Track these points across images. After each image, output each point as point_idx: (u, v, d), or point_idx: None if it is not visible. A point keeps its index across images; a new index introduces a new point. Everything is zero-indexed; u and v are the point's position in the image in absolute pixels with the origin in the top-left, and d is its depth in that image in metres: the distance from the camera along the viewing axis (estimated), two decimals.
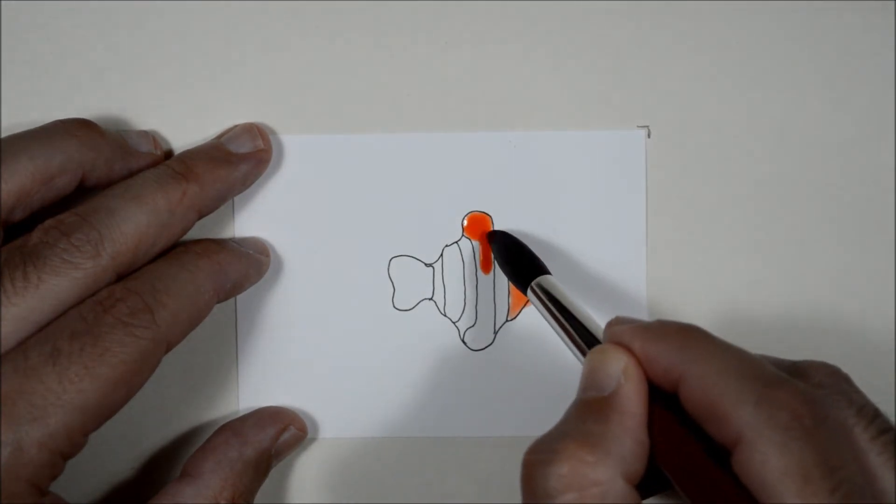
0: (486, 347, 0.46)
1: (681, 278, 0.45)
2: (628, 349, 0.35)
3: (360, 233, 0.45)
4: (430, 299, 0.46)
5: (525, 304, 0.45)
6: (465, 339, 0.46)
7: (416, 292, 0.46)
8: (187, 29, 0.44)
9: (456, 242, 0.45)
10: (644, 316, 0.45)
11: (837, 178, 0.45)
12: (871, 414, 0.33)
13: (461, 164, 0.45)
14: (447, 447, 0.46)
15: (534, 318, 0.45)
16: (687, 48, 0.45)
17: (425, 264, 0.46)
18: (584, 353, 0.37)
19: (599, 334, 0.37)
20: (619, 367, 0.34)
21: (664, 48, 0.45)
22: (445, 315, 0.46)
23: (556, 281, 0.41)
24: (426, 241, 0.45)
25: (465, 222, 0.45)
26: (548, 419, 0.43)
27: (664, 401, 0.34)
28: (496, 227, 0.45)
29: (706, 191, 0.45)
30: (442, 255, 0.45)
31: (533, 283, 0.41)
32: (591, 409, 0.34)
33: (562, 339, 0.39)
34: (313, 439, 0.46)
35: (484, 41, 0.45)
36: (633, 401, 0.33)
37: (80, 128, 0.41)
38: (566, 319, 0.39)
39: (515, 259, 0.43)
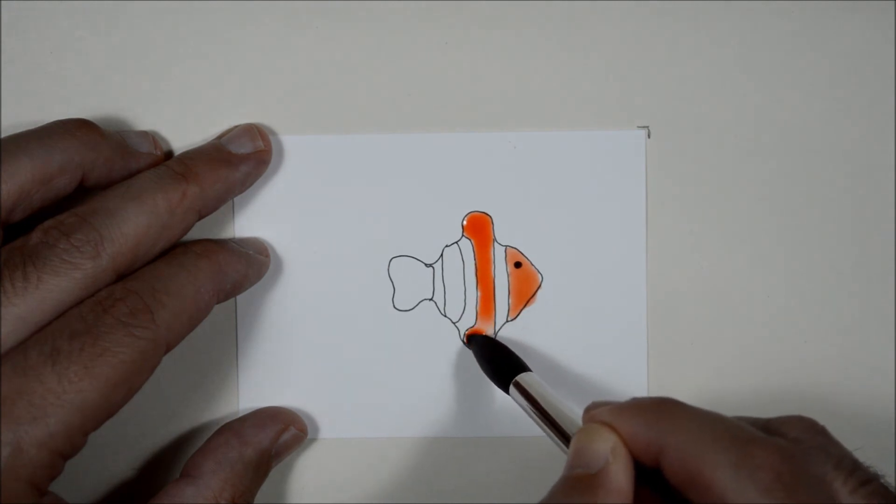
0: None
1: (680, 278, 0.45)
2: (613, 429, 0.35)
3: (360, 233, 0.45)
4: (430, 299, 0.46)
5: (526, 305, 0.45)
6: (465, 340, 0.46)
7: (416, 292, 0.46)
8: (187, 29, 0.44)
9: (456, 242, 0.45)
10: (643, 317, 0.45)
11: (837, 178, 0.45)
12: (851, 466, 0.32)
13: (461, 164, 0.45)
14: (447, 447, 0.46)
15: (534, 319, 0.45)
16: (687, 48, 0.44)
17: (425, 264, 0.46)
18: (565, 442, 0.38)
19: (579, 424, 0.38)
20: (607, 446, 0.34)
21: (664, 48, 0.44)
22: (445, 315, 0.46)
23: (535, 377, 0.41)
24: (426, 241, 0.45)
25: (465, 222, 0.45)
26: None
27: (648, 478, 0.34)
28: (482, 333, 0.45)
29: (706, 191, 0.45)
30: (442, 255, 0.45)
31: (515, 379, 0.42)
32: (578, 485, 0.34)
33: (544, 430, 0.39)
34: (313, 439, 0.46)
35: (484, 41, 0.45)
36: (620, 478, 0.34)
37: (79, 128, 0.41)
38: (549, 410, 0.39)
39: (495, 359, 0.44)
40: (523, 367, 0.42)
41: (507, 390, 0.42)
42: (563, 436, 0.38)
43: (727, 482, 0.31)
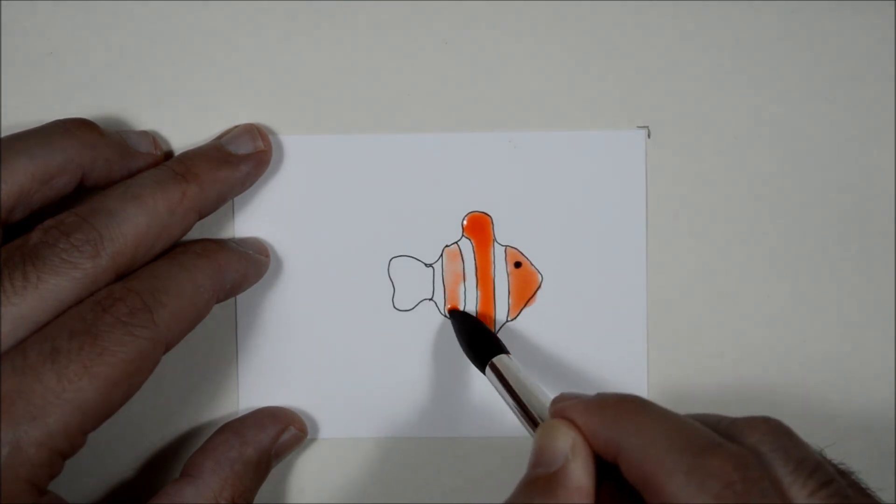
0: None
1: (681, 278, 0.45)
2: (574, 424, 0.35)
3: (360, 233, 0.45)
4: (430, 299, 0.46)
5: (526, 305, 0.45)
6: (447, 313, 0.46)
7: (416, 292, 0.46)
8: (187, 29, 0.44)
9: (456, 242, 0.45)
10: (643, 316, 0.45)
11: (837, 178, 0.45)
12: (811, 468, 0.32)
13: (461, 164, 0.45)
14: (447, 447, 0.46)
15: (534, 319, 0.45)
16: (687, 48, 0.44)
17: (425, 264, 0.46)
18: (535, 429, 0.38)
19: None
20: (566, 444, 0.34)
21: (664, 48, 0.45)
22: (445, 315, 0.46)
23: (511, 361, 0.41)
24: (426, 241, 0.45)
25: (465, 222, 0.45)
26: None
27: (610, 473, 0.34)
28: (462, 310, 0.45)
29: (706, 191, 0.45)
30: (442, 255, 0.45)
31: (492, 361, 0.41)
32: (539, 485, 0.34)
33: (517, 416, 0.39)
34: (313, 439, 0.46)
35: (484, 41, 0.45)
36: (580, 476, 0.34)
37: (79, 128, 0.41)
38: (521, 396, 0.39)
39: (474, 339, 0.43)
40: (501, 349, 0.42)
41: (483, 370, 0.42)
42: (534, 422, 0.38)
43: (678, 489, 0.31)
